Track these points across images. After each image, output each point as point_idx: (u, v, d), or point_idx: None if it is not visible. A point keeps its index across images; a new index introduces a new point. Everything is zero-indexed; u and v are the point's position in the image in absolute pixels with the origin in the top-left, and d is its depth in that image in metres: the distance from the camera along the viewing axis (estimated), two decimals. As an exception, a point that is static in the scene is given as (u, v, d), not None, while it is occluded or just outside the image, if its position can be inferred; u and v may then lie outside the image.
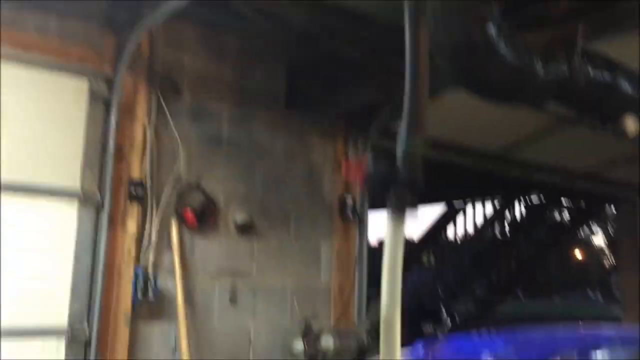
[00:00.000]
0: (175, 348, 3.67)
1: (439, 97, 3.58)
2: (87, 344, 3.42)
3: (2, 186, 3.24)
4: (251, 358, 3.90)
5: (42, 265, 3.40)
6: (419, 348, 1.47)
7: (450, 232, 7.96)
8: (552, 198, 6.83)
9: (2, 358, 3.27)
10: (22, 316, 3.31)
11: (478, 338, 1.50)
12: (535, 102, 2.57)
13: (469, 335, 1.55)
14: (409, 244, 8.64)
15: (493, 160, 4.65)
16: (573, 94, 2.61)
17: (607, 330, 1.75)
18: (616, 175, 5.22)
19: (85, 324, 3.43)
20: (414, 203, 0.87)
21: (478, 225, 7.56)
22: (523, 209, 7.27)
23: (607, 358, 1.48)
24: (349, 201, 4.28)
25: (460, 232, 7.80)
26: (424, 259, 8.81)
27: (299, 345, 3.93)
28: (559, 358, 1.39)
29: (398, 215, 0.84)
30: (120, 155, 3.58)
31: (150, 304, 3.63)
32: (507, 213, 7.38)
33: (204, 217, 3.83)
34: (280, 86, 4.20)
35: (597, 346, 1.52)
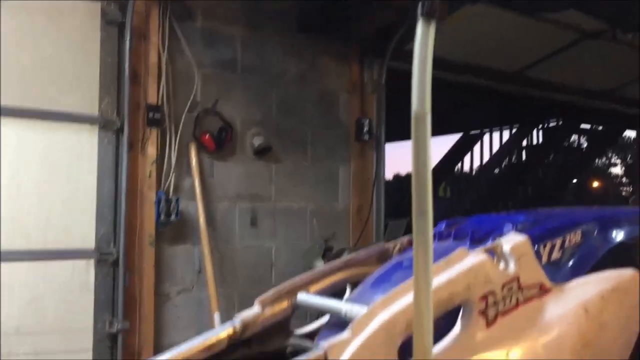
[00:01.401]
0: (200, 269, 3.80)
1: (457, 13, 3.52)
2: (115, 264, 3.55)
3: (21, 112, 3.31)
4: (273, 277, 4.03)
5: (67, 191, 3.49)
6: (441, 226, 1.51)
7: (467, 162, 7.94)
8: (571, 122, 6.73)
9: (36, 278, 3.43)
10: (52, 239, 3.44)
11: (499, 214, 1.54)
12: (555, 8, 2.51)
13: (490, 214, 1.59)
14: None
15: (510, 80, 4.58)
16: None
17: (628, 210, 1.76)
18: (635, 94, 5.14)
19: (112, 245, 3.56)
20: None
21: (495, 153, 7.51)
22: (541, 135, 7.20)
23: (627, 230, 1.52)
24: (365, 124, 4.28)
25: (477, 161, 7.77)
26: (440, 191, 8.82)
27: (319, 265, 4.04)
28: (580, 229, 1.43)
29: (428, 18, 0.85)
30: (137, 80, 3.60)
31: (173, 227, 3.74)
32: (524, 141, 7.32)
33: (221, 141, 3.87)
34: (293, 10, 4.13)
35: (617, 221, 1.56)
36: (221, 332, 1.43)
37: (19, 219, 3.37)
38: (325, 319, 1.53)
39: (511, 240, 1.40)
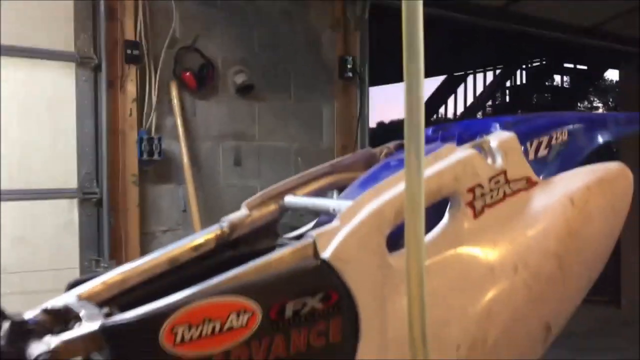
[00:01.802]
0: (185, 208, 3.78)
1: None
2: (99, 203, 3.52)
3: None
4: (259, 217, 4.02)
5: (48, 130, 3.43)
6: (428, 131, 1.50)
7: (450, 105, 7.91)
8: (554, 61, 6.71)
9: (20, 218, 3.40)
10: (35, 179, 3.39)
11: (486, 118, 1.53)
12: None
13: (477, 118, 1.58)
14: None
15: (494, 15, 4.52)
16: None
17: (614, 114, 1.75)
18: (619, 31, 5.11)
19: (95, 185, 3.52)
20: None
21: (479, 95, 7.49)
22: (524, 76, 7.18)
23: (613, 130, 1.53)
24: (349, 62, 4.22)
25: (460, 105, 7.76)
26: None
27: (304, 203, 4.04)
28: (567, 129, 1.43)
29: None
30: (113, 16, 3.50)
31: (157, 167, 3.70)
32: (508, 82, 7.30)
33: (203, 79, 3.80)
34: (274, -57, 4.02)
35: (604, 122, 1.56)
36: (208, 233, 1.42)
37: (1, 159, 3.31)
38: (311, 224, 1.53)
39: (498, 136, 1.40)
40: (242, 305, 1.09)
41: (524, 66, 7.16)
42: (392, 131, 8.04)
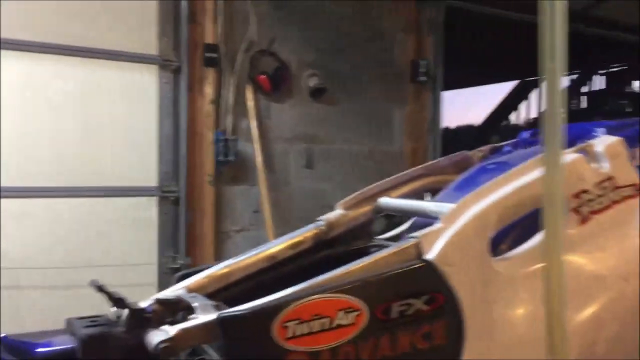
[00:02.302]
0: (257, 209, 3.86)
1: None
2: (176, 202, 3.64)
3: (84, 52, 3.38)
4: (328, 219, 4.05)
5: (130, 130, 3.58)
6: (525, 134, 1.48)
7: (522, 112, 7.66)
8: (634, 66, 6.41)
9: (103, 213, 3.56)
10: (118, 177, 3.54)
11: (586, 122, 1.48)
12: None
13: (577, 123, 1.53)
14: (472, 129, 8.44)
15: (572, 18, 4.38)
16: None
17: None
18: None
19: (174, 183, 3.65)
20: None
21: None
22: (603, 81, 6.89)
23: None
24: (422, 65, 4.20)
25: (533, 111, 7.49)
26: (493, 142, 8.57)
27: (374, 206, 4.03)
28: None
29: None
30: (194, 19, 3.62)
31: (231, 167, 3.79)
32: (584, 87, 7.03)
33: (277, 82, 3.87)
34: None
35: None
36: (307, 231, 1.45)
37: (85, 155, 3.47)
38: (406, 226, 1.53)
39: (604, 141, 1.36)
40: (350, 304, 1.10)
41: (602, 71, 6.89)
42: (461, 135, 7.89)
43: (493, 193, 1.25)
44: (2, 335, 1.08)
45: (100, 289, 1.12)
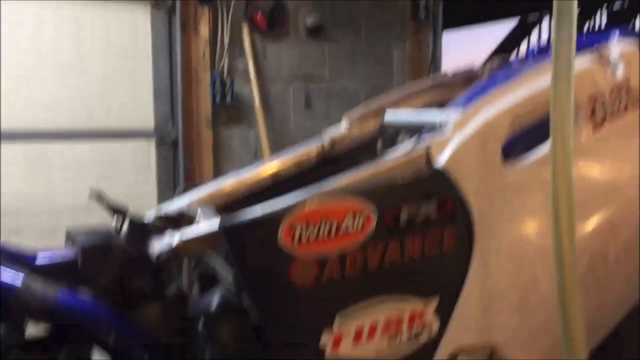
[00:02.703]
0: (256, 150, 3.81)
1: None
2: (174, 145, 3.59)
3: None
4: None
5: (125, 72, 3.49)
6: (536, 48, 1.42)
7: (522, 52, 7.49)
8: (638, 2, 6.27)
9: (100, 158, 3.52)
10: (114, 120, 3.48)
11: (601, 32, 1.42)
12: None
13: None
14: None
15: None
16: None
17: None
18: None
19: (171, 126, 3.58)
20: None
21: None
22: (604, 18, 6.76)
23: None
24: (422, 3, 4.08)
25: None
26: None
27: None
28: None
29: None
30: (186, -45, 3.50)
31: (229, 109, 3.72)
32: (587, 24, 6.89)
33: (274, 20, 3.76)
34: None
35: None
36: (311, 149, 1.40)
37: (83, 98, 3.40)
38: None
39: (619, 46, 1.30)
40: (358, 208, 1.07)
41: (605, 6, 6.73)
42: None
43: (504, 99, 1.20)
44: (1, 243, 1.05)
45: (100, 197, 1.08)
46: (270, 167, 1.36)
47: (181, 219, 1.16)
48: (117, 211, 1.09)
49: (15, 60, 3.20)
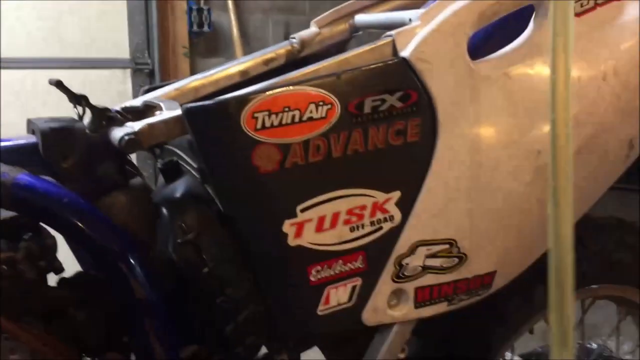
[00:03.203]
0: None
1: None
2: (151, 74, 3.54)
3: None
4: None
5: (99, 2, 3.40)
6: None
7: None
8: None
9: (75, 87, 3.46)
10: (89, 49, 3.41)
11: None
12: None
13: None
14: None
15: None
16: None
17: None
18: None
19: (147, 55, 3.52)
20: None
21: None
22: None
23: None
24: None
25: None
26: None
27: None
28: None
29: None
30: None
31: (207, 39, 3.66)
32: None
33: (252, -53, 3.67)
34: None
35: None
36: (279, 48, 1.39)
37: (57, 28, 3.32)
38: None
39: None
40: (321, 97, 1.06)
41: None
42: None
43: (475, -9, 1.18)
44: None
45: (60, 85, 1.07)
46: (238, 65, 1.34)
47: (145, 111, 1.15)
48: (79, 99, 1.08)
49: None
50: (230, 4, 3.66)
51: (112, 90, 3.49)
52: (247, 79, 1.34)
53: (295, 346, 1.22)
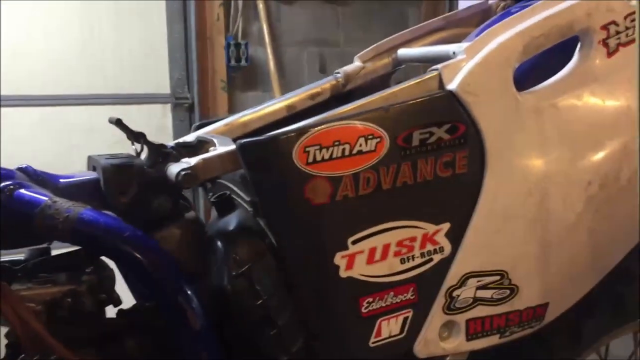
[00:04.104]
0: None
1: None
2: (190, 109, 3.63)
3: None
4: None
5: (140, 37, 3.52)
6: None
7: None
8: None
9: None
10: (129, 85, 3.52)
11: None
12: None
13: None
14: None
15: None
16: None
17: None
18: None
19: (186, 90, 3.62)
20: None
21: None
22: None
23: None
24: (437, -38, 4.04)
25: None
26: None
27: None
28: None
29: None
30: None
31: (244, 73, 3.74)
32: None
33: (288, -17, 3.77)
34: None
35: None
36: (324, 83, 1.42)
37: (99, 64, 3.45)
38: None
39: (634, -28, 1.29)
40: (370, 131, 1.08)
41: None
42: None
43: (518, 25, 1.20)
44: (24, 165, 1.08)
45: (119, 123, 1.12)
46: (284, 100, 1.38)
47: (198, 146, 1.19)
48: (137, 136, 1.12)
49: (20, 21, 3.25)
50: (266, 37, 3.75)
51: (152, 125, 3.59)
52: (293, 113, 1.37)
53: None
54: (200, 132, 1.30)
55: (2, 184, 1.02)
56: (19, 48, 3.24)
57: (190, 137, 1.26)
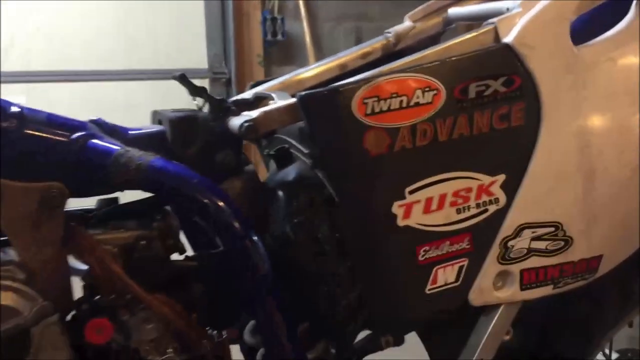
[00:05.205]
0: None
1: None
2: (228, 83, 3.69)
3: None
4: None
5: (177, 14, 3.58)
6: None
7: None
8: None
9: (156, 98, 3.64)
10: (168, 60, 3.59)
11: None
12: None
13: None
14: None
15: None
16: None
17: None
18: None
19: (224, 65, 3.67)
20: None
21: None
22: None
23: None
24: None
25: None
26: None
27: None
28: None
29: None
30: None
31: (280, 48, 3.78)
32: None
33: (323, -43, 3.76)
34: None
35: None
36: (375, 42, 1.44)
37: (136, 41, 3.51)
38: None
39: None
40: (427, 83, 1.10)
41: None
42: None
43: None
44: (96, 118, 1.13)
45: (182, 78, 1.15)
46: (337, 60, 1.40)
47: (256, 102, 1.22)
48: (199, 91, 1.16)
49: (64, 7, 3.33)
50: (302, 12, 3.76)
51: (190, 99, 3.64)
52: (345, 71, 1.39)
53: (398, 329, 1.25)
54: (259, 89, 1.33)
55: (76, 134, 1.07)
56: (55, 25, 3.33)
57: (247, 94, 1.29)
